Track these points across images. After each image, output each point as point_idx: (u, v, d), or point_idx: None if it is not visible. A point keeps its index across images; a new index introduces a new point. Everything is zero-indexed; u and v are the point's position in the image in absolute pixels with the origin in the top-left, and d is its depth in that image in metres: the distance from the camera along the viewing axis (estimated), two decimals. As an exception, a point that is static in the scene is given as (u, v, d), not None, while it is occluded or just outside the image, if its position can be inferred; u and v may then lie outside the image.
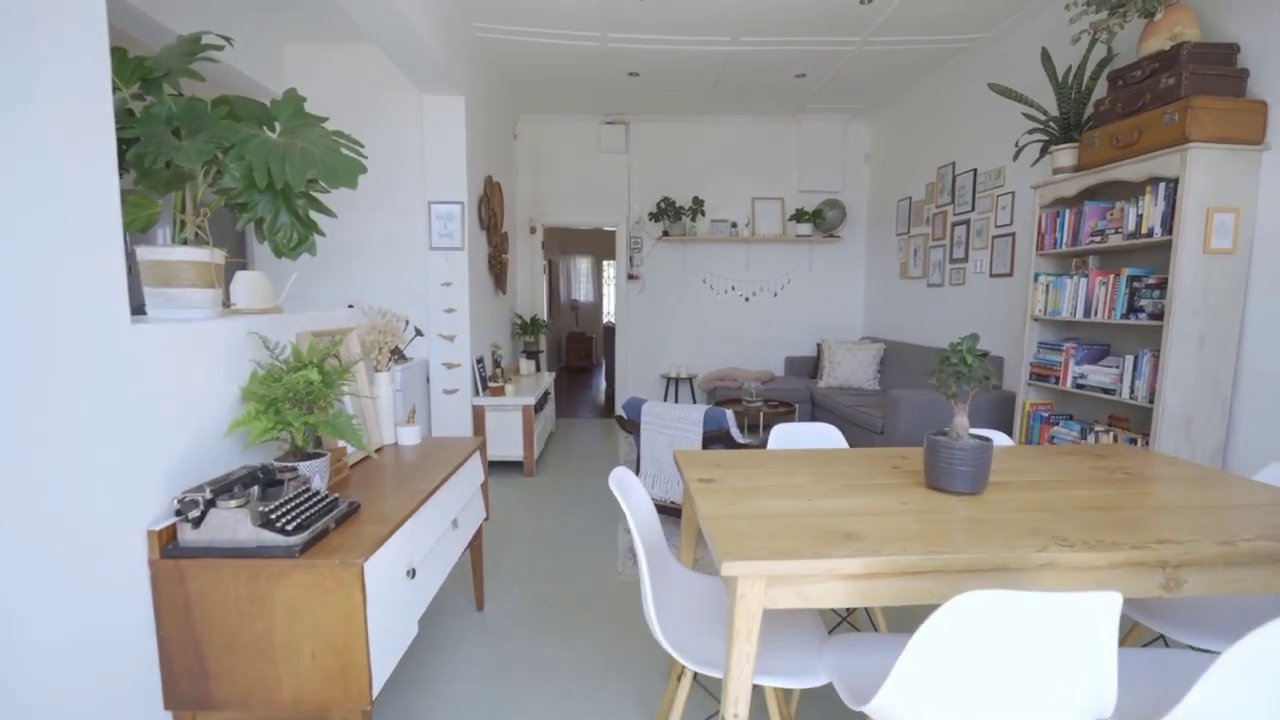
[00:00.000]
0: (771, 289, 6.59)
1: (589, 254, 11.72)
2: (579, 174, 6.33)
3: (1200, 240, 2.60)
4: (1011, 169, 4.17)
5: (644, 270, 6.47)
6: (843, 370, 5.60)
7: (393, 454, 2.23)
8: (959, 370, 1.56)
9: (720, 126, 6.34)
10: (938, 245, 5.09)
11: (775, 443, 2.17)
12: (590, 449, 5.31)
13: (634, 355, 6.58)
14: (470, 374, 4.30)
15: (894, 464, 1.86)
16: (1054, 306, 3.37)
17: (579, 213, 6.39)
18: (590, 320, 11.86)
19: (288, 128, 1.51)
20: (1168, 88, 2.62)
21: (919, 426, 4.06)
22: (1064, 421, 3.35)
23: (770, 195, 6.45)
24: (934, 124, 5.14)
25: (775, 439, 2.18)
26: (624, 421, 3.16)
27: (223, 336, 1.56)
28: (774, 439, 2.18)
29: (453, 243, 4.12)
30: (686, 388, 6.59)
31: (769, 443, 2.18)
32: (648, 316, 6.54)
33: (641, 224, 6.41)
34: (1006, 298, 4.24)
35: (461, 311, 4.21)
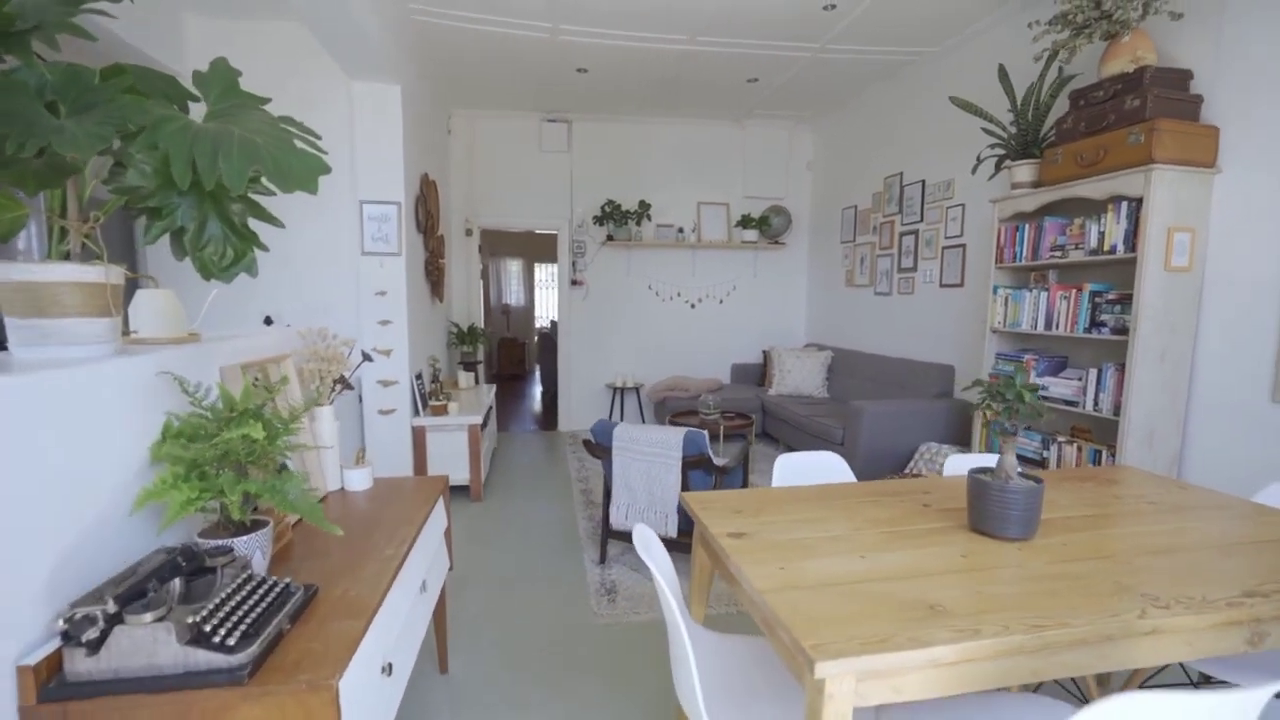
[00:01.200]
0: (717, 295, 6.50)
1: (520, 256, 11.29)
2: (518, 173, 5.98)
3: (1162, 258, 2.67)
4: (961, 181, 4.24)
5: (588, 276, 6.21)
6: (792, 378, 5.58)
7: (341, 503, 1.88)
8: (1012, 405, 1.42)
9: (665, 129, 6.17)
10: (885, 254, 5.15)
11: (780, 476, 2.00)
12: (537, 466, 4.99)
13: (578, 365, 6.30)
14: (409, 392, 3.89)
15: (920, 501, 1.73)
16: (1013, 319, 3.42)
17: (518, 214, 6.04)
18: (522, 325, 11.43)
19: (218, 110, 1.16)
20: (1132, 109, 2.67)
21: (880, 438, 4.05)
22: (1025, 433, 3.40)
23: (716, 200, 6.36)
24: (880, 134, 5.20)
25: (780, 472, 2.00)
26: (592, 446, 2.91)
27: (124, 380, 1.19)
28: (779, 472, 2.00)
29: (388, 247, 3.70)
30: (633, 398, 6.38)
31: (774, 476, 2.00)
32: (592, 324, 6.28)
33: (585, 228, 6.14)
34: (957, 308, 4.31)
35: (399, 323, 3.80)
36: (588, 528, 3.60)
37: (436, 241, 4.71)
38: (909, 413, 4.06)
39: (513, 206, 6.02)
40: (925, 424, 4.09)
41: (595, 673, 2.24)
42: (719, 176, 6.35)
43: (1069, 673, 1.08)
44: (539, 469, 4.90)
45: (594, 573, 3.01)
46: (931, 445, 3.97)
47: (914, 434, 4.08)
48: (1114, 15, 2.70)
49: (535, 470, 4.86)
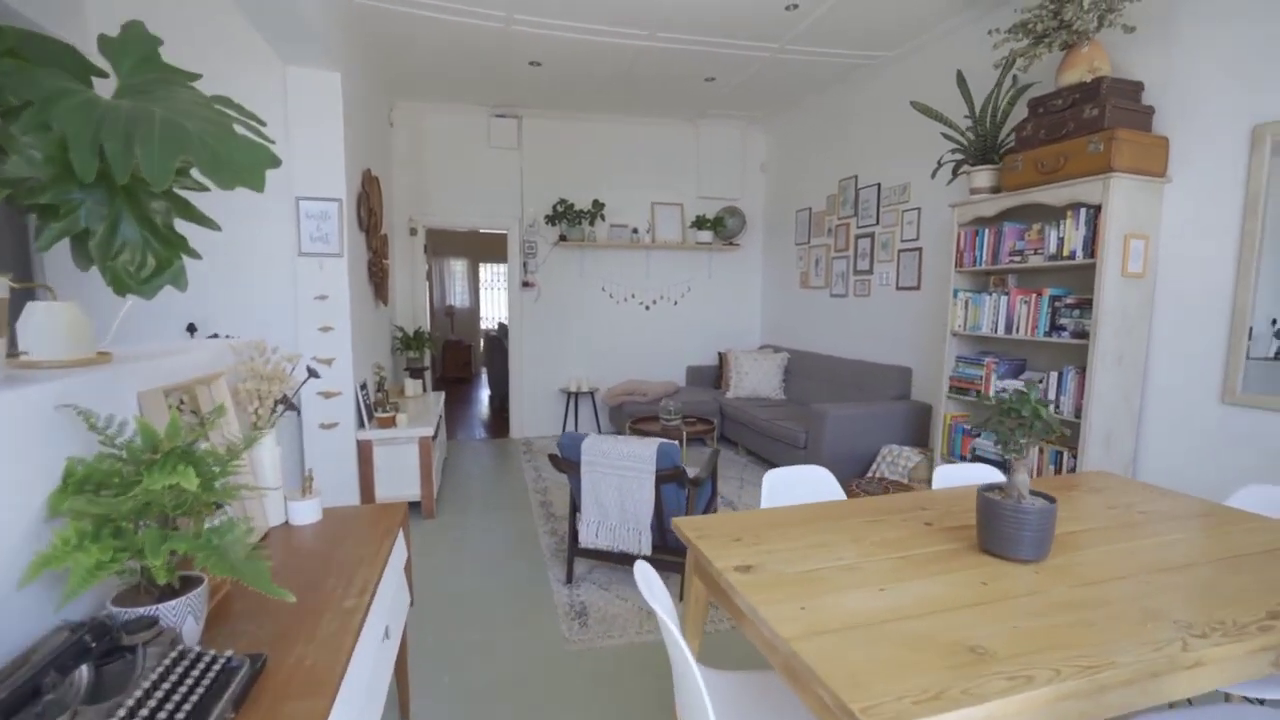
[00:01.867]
0: (672, 297, 6.41)
1: (464, 255, 10.90)
2: (466, 170, 5.71)
3: (1119, 264, 2.73)
4: (917, 185, 4.29)
5: (540, 277, 6.00)
6: (749, 380, 5.55)
7: (286, 543, 1.65)
8: (1026, 422, 1.36)
9: (618, 127, 6.03)
10: (840, 257, 5.18)
11: (769, 493, 1.90)
12: (492, 477, 4.75)
13: (530, 370, 6.08)
14: (354, 403, 3.60)
15: (921, 519, 1.66)
16: (973, 322, 3.46)
17: (466, 213, 5.77)
18: (467, 327, 11.05)
19: (133, 85, 0.94)
20: (1091, 118, 2.72)
21: (843, 441, 4.04)
22: (985, 433, 3.45)
23: (670, 201, 6.27)
24: (833, 137, 5.23)
25: (770, 489, 1.90)
26: (559, 461, 2.74)
27: (9, 415, 0.96)
28: (768, 490, 1.90)
29: (329, 247, 3.41)
30: (588, 403, 6.22)
31: (763, 493, 1.90)
32: (544, 327, 6.07)
33: (536, 227, 5.93)
34: (914, 310, 4.37)
35: (341, 329, 3.51)
36: (551, 543, 3.42)
37: (380, 241, 4.41)
38: (870, 415, 4.08)
39: (460, 205, 5.74)
40: (886, 426, 4.12)
41: (573, 707, 2.09)
42: (673, 177, 6.26)
43: (1114, 712, 1.01)
44: (494, 480, 4.67)
45: (562, 593, 2.84)
46: (893, 448, 4.00)
47: (875, 436, 4.10)
48: (1073, 26, 2.75)
49: (490, 482, 4.63)
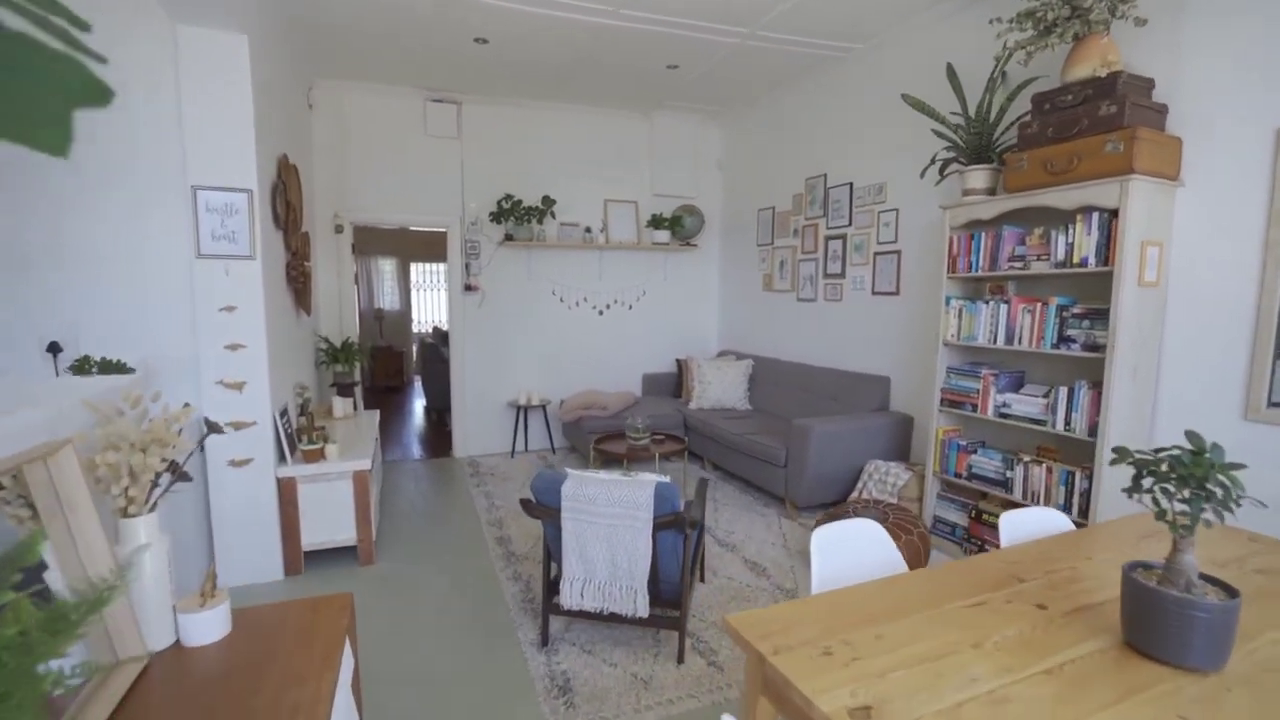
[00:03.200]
0: (626, 301, 6.02)
1: (393, 254, 10.09)
2: (398, 161, 5.10)
3: (1137, 272, 2.57)
4: (895, 185, 4.08)
5: (483, 280, 5.46)
6: (713, 390, 5.24)
7: (179, 676, 1.15)
8: (1205, 490, 1.05)
9: (568, 117, 5.57)
10: (809, 259, 4.95)
11: (822, 557, 1.55)
12: (437, 508, 4.21)
13: (475, 381, 5.53)
14: (272, 434, 3.01)
15: (1025, 598, 1.34)
16: (968, 332, 3.26)
17: (400, 209, 5.16)
18: (397, 332, 10.25)
19: None
20: (1108, 115, 2.54)
21: (827, 459, 3.78)
22: (982, 450, 3.26)
23: (623, 198, 5.87)
24: (800, 133, 4.98)
25: (820, 552, 1.55)
26: (533, 507, 2.30)
27: None
28: (819, 552, 1.55)
29: (236, 248, 2.80)
30: (539, 417, 5.73)
31: (814, 558, 1.54)
32: (489, 335, 5.54)
33: (479, 226, 5.39)
34: (892, 317, 4.17)
35: (254, 347, 2.91)
36: (516, 591, 2.96)
37: (300, 241, 3.78)
38: (856, 430, 3.83)
39: (393, 199, 5.12)
40: (869, 441, 3.89)
41: (571, 832, 1.67)
42: (627, 173, 5.86)
43: None
44: (440, 511, 4.13)
45: (537, 661, 2.40)
46: (878, 464, 3.77)
47: (859, 452, 3.87)
48: (1089, 14, 2.55)
49: (436, 513, 4.09)
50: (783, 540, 3.57)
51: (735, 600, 2.87)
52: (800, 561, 3.29)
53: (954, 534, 3.40)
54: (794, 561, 3.30)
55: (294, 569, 3.13)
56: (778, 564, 3.26)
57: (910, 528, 2.97)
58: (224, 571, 2.97)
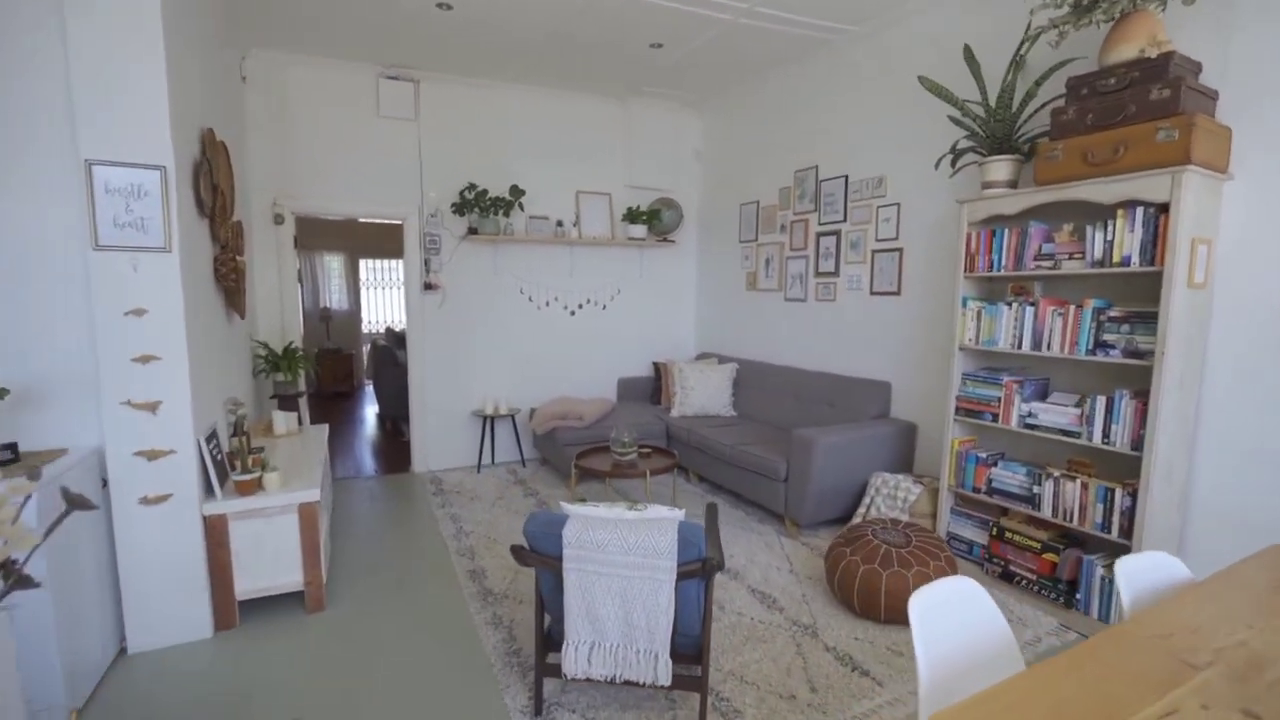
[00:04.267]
0: (600, 300, 5.62)
1: (341, 249, 9.38)
2: (347, 144, 4.56)
3: (1187, 273, 2.35)
4: (896, 178, 3.82)
5: (444, 278, 4.97)
6: (696, 396, 4.91)
7: None
8: None
9: (537, 101, 5.13)
10: (798, 256, 4.66)
11: (924, 628, 1.21)
12: (396, 536, 3.73)
13: (436, 388, 5.03)
14: (196, 463, 2.49)
15: (1228, 702, 1.03)
16: (988, 336, 3.02)
17: (349, 197, 4.61)
18: (346, 333, 9.55)
19: None
20: (1160, 100, 2.30)
21: (831, 472, 3.49)
22: (1003, 463, 3.02)
23: (597, 190, 5.47)
24: (788, 123, 4.69)
25: (922, 623, 1.21)
26: (528, 555, 1.90)
27: None
28: (921, 623, 1.21)
29: (147, 238, 2.29)
30: (507, 427, 5.28)
31: (915, 629, 1.21)
32: (451, 338, 5.05)
33: (440, 218, 4.89)
34: (892, 318, 3.91)
35: (172, 358, 2.39)
36: (498, 642, 2.54)
37: (231, 232, 3.24)
38: (860, 441, 3.56)
39: (340, 188, 4.57)
40: (874, 452, 3.63)
41: None
42: (600, 163, 5.46)
43: None
44: (400, 539, 3.65)
45: (531, 736, 2.00)
46: (884, 477, 3.51)
47: (863, 464, 3.60)
48: (1141, -13, 2.31)
49: (396, 542, 3.61)
50: (788, 564, 3.26)
51: (750, 641, 2.53)
52: (812, 589, 2.98)
53: (971, 553, 3.16)
54: (804, 589, 2.99)
55: (226, 623, 2.63)
56: (788, 593, 2.94)
57: (936, 552, 2.70)
58: (138, 634, 2.44)
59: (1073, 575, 2.71)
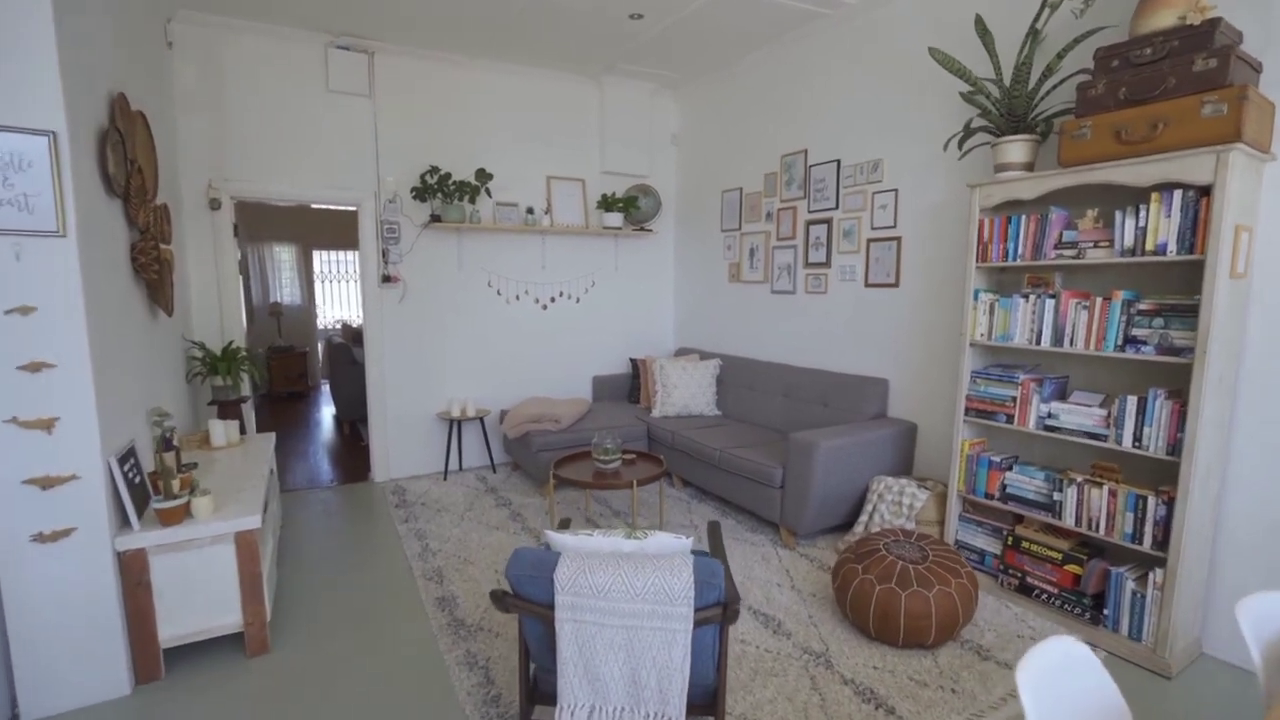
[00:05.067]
0: (573, 293, 5.28)
1: (292, 240, 8.79)
2: (293, 121, 4.10)
3: (1230, 262, 2.15)
4: (893, 162, 3.59)
5: (404, 270, 4.56)
6: (679, 395, 4.62)
7: None
8: None
9: (505, 77, 4.75)
10: (785, 246, 4.41)
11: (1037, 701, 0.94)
12: (353, 557, 3.35)
13: (396, 389, 4.63)
14: (106, 490, 2.09)
15: None
16: (1002, 331, 2.80)
17: (295, 181, 4.16)
18: (299, 330, 8.97)
19: None
20: (1206, 72, 2.09)
21: (834, 479, 3.25)
22: (1019, 466, 2.81)
23: (570, 175, 5.12)
24: (774, 105, 4.42)
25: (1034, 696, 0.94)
26: (511, 601, 1.58)
27: None
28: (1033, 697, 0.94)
29: (34, 220, 1.87)
30: (476, 431, 4.91)
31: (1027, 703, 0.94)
32: (413, 335, 4.65)
33: (399, 204, 4.48)
34: (889, 311, 3.69)
35: (71, 364, 1.98)
36: (473, 686, 2.21)
37: (154, 216, 2.80)
38: (864, 444, 3.33)
39: (286, 169, 4.12)
40: (874, 454, 3.40)
41: None
42: (573, 147, 5.11)
43: None
44: (358, 562, 3.27)
45: (516, 810, 1.69)
46: (886, 481, 3.28)
47: (864, 468, 3.37)
48: (1184, -55, 2.10)
49: (352, 566, 3.23)
50: (789, 579, 3.00)
51: (760, 675, 2.26)
52: (819, 609, 2.73)
53: (983, 563, 2.96)
54: (810, 609, 2.73)
55: (149, 675, 2.23)
56: (794, 615, 2.68)
57: (955, 567, 2.47)
58: (34, 697, 2.04)
59: (1099, 588, 2.52)
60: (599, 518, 3.80)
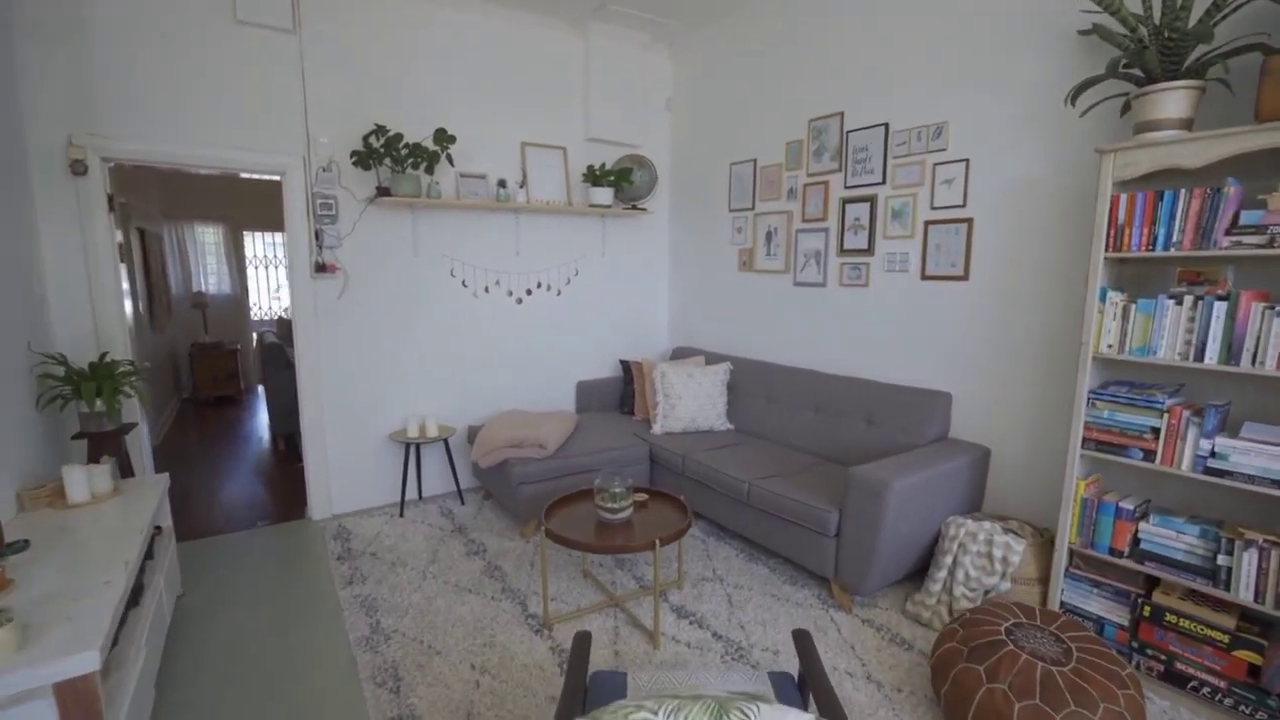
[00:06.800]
0: (554, 284, 4.46)
1: (219, 220, 7.65)
2: (189, 61, 3.14)
3: None
4: (962, 125, 2.88)
5: (345, 256, 3.66)
6: (686, 407, 3.88)
7: None
8: None
9: (470, 18, 3.86)
10: (813, 229, 3.68)
11: None
12: (275, 653, 2.50)
13: (337, 405, 3.74)
14: None
15: None
16: (1142, 342, 2.14)
17: (192, 139, 3.20)
18: (229, 323, 7.86)
19: None
20: None
21: (906, 524, 2.56)
22: (1159, 517, 2.17)
23: (548, 142, 4.27)
24: (795, 58, 3.66)
25: None
26: None
27: None
28: None
29: None
30: (438, 456, 4.06)
31: None
32: (357, 336, 3.76)
33: (336, 172, 3.57)
34: (953, 310, 3.01)
35: None
36: None
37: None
38: (937, 477, 2.65)
39: (180, 124, 3.15)
40: (948, 490, 2.73)
41: None
42: (553, 108, 4.26)
43: None
44: (279, 661, 2.43)
45: None
46: (964, 525, 2.62)
47: (937, 507, 2.70)
48: None
49: (271, 670, 2.39)
50: (858, 663, 2.31)
51: None
52: (910, 711, 2.05)
53: (1100, 633, 2.32)
54: (897, 710, 2.05)
55: None
56: (880, 726, 2.00)
57: (1117, 672, 1.81)
58: None
59: (1291, 688, 1.91)
60: (598, 569, 3.04)
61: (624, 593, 2.80)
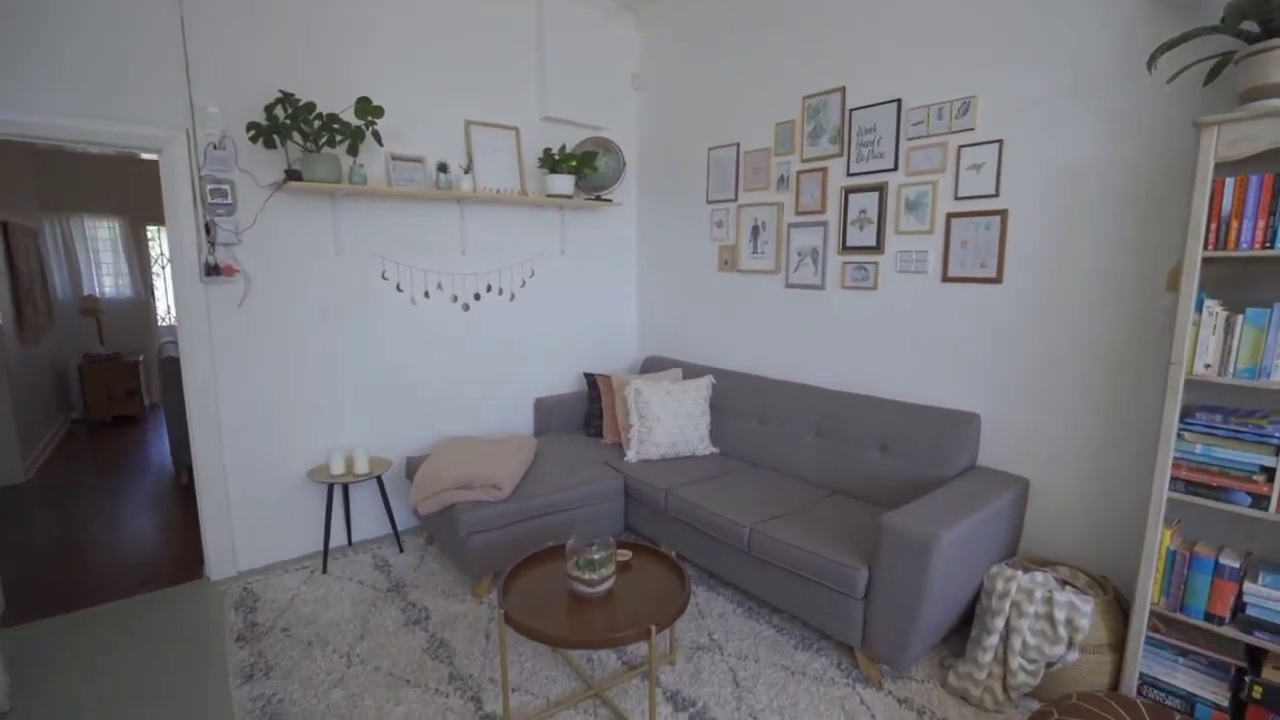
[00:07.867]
0: (506, 287, 3.85)
1: (114, 212, 6.65)
2: (37, 8, 2.40)
3: None
4: (992, 100, 2.44)
5: (244, 255, 2.97)
6: (665, 429, 3.35)
7: None
8: None
9: (399, -32, 3.21)
10: (808, 223, 3.21)
11: None
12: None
13: (240, 438, 3.04)
14: None
15: None
16: (1250, 361, 1.73)
17: (33, 103, 2.46)
18: (129, 331, 6.88)
19: None
20: None
21: (951, 582, 2.10)
22: (1272, 576, 1.77)
23: (497, 122, 3.65)
24: (785, 24, 3.17)
25: None
26: None
27: None
28: None
29: None
30: (371, 492, 3.40)
31: None
32: (262, 352, 3.07)
33: (231, 151, 2.87)
34: (982, 317, 2.58)
35: None
36: None
37: None
38: (983, 522, 2.19)
39: (17, 83, 2.41)
40: (990, 531, 2.29)
41: None
42: (503, 82, 3.65)
43: None
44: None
45: None
46: (1013, 578, 2.17)
47: (979, 554, 2.25)
48: None
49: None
50: (907, 770, 1.83)
51: None
52: None
53: (1191, 712, 1.92)
54: None
55: None
56: None
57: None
58: None
59: None
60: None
61: (605, 675, 2.25)
